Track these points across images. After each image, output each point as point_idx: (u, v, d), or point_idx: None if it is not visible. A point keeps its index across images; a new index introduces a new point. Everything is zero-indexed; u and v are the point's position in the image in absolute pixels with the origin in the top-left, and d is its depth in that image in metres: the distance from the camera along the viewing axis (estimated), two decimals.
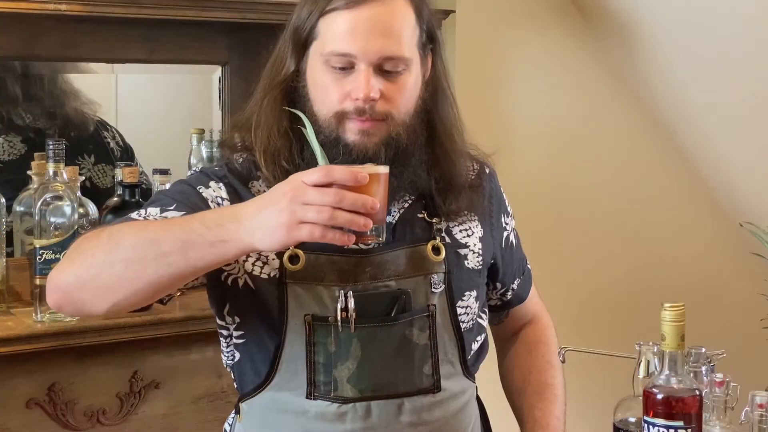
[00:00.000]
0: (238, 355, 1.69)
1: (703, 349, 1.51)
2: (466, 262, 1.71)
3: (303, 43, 1.60)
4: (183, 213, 1.57)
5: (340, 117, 1.57)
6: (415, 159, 1.63)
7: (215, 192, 1.64)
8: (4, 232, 2.37)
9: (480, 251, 1.73)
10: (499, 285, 1.83)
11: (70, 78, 2.70)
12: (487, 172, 1.80)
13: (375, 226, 1.40)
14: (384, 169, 1.45)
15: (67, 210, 2.27)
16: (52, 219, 2.26)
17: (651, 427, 1.39)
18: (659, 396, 1.39)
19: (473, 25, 2.91)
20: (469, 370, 1.72)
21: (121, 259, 1.46)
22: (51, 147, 2.23)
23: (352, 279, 1.61)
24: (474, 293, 1.71)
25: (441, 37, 1.69)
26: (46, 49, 2.50)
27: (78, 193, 2.35)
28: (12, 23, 2.41)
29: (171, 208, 1.59)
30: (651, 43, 2.98)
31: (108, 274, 1.47)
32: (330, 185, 1.38)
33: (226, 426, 1.77)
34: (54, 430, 2.27)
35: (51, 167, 2.25)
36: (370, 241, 1.45)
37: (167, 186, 2.35)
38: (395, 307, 1.62)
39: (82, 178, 2.46)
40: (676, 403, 1.39)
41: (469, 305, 1.70)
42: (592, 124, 3.17)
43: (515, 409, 1.86)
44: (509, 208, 1.84)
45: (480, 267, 1.73)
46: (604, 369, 2.33)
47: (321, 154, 1.48)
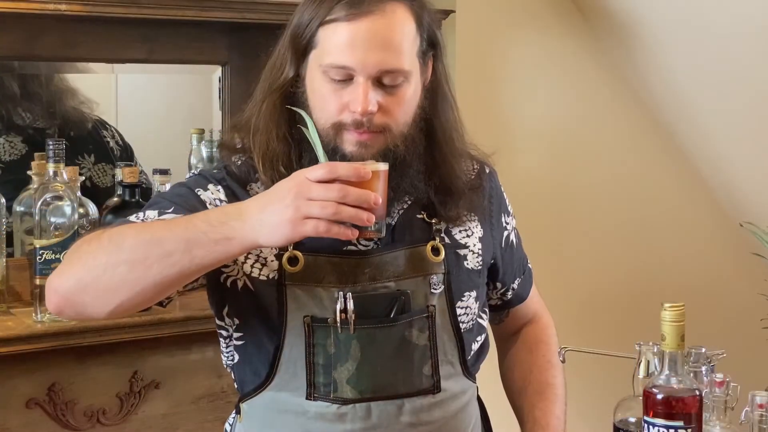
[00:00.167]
0: (237, 356, 1.69)
1: (703, 349, 1.51)
2: (465, 263, 1.71)
3: (302, 50, 1.59)
4: (181, 216, 1.56)
5: (338, 128, 1.56)
6: (412, 170, 1.63)
7: (213, 195, 1.64)
8: (4, 233, 2.37)
9: (480, 251, 1.73)
10: (499, 285, 1.83)
11: (67, 76, 2.70)
12: (488, 171, 1.80)
13: (376, 222, 1.43)
14: (384, 166, 1.48)
15: (67, 210, 2.27)
16: (52, 219, 2.25)
17: (651, 427, 1.39)
18: (659, 396, 1.39)
19: (473, 25, 2.91)
20: (469, 370, 1.72)
21: (125, 261, 1.47)
22: (51, 147, 2.23)
23: (352, 280, 1.61)
24: (474, 294, 1.71)
25: (442, 40, 1.67)
26: (46, 49, 2.50)
27: (78, 193, 2.35)
28: (12, 23, 2.40)
29: (169, 210, 1.59)
30: (651, 43, 2.98)
31: (111, 275, 1.47)
32: (333, 181, 1.40)
33: (227, 426, 1.77)
34: (54, 430, 2.27)
35: (51, 167, 2.25)
36: (371, 237, 1.48)
37: (167, 186, 2.35)
38: (394, 308, 1.61)
39: (82, 178, 2.46)
40: (676, 403, 1.39)
41: (469, 306, 1.70)
42: (592, 124, 3.17)
43: (516, 409, 1.86)
44: (510, 208, 1.84)
45: (480, 267, 1.73)
46: (604, 369, 2.33)
47: (322, 152, 1.50)
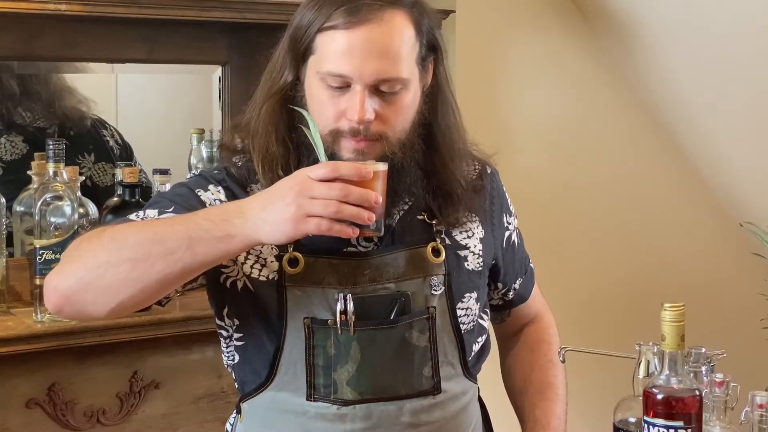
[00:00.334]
0: (237, 357, 1.69)
1: (703, 349, 1.51)
2: (466, 264, 1.70)
3: (301, 55, 1.59)
4: (182, 214, 1.57)
5: (336, 135, 1.56)
6: (411, 176, 1.63)
7: (214, 195, 1.64)
8: (4, 233, 2.37)
9: (480, 252, 1.73)
10: (500, 285, 1.83)
11: (64, 75, 2.69)
12: (489, 172, 1.80)
13: (375, 221, 1.45)
14: (383, 166, 1.50)
15: (67, 210, 2.27)
16: (52, 219, 2.25)
17: (651, 427, 1.39)
18: (659, 396, 1.39)
19: (473, 25, 2.91)
20: (470, 371, 1.71)
21: (127, 259, 1.47)
22: (51, 147, 2.23)
23: (351, 282, 1.61)
24: (474, 295, 1.71)
25: (443, 43, 1.66)
26: (46, 49, 2.50)
27: (78, 193, 2.35)
28: (12, 23, 2.40)
29: (169, 210, 1.59)
30: (651, 43, 2.98)
31: (112, 274, 1.47)
32: (334, 180, 1.41)
33: (228, 426, 1.77)
34: (54, 430, 2.27)
35: (51, 167, 2.25)
36: (370, 235, 1.50)
37: (167, 186, 2.35)
38: (395, 310, 1.61)
39: (83, 177, 2.46)
40: (676, 403, 1.39)
41: (470, 307, 1.70)
42: (591, 124, 3.16)
43: (517, 408, 1.86)
44: (512, 208, 1.84)
45: (480, 268, 1.73)
46: (604, 369, 2.33)
47: (323, 152, 1.51)
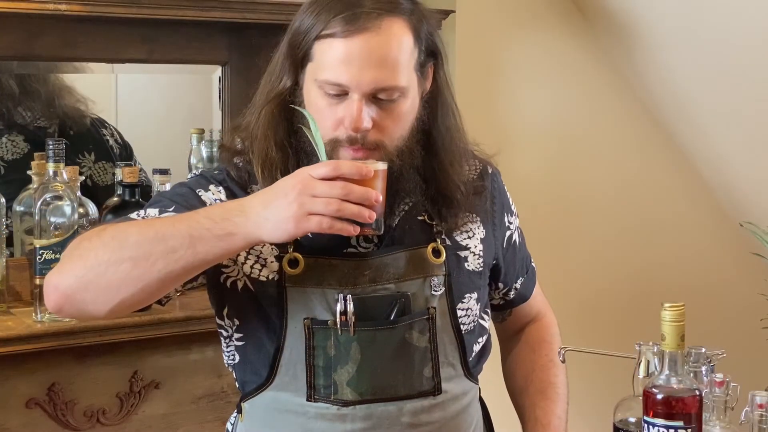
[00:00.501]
0: (238, 357, 1.69)
1: (703, 349, 1.51)
2: (466, 265, 1.70)
3: (299, 61, 1.59)
4: (183, 213, 1.57)
5: (334, 144, 1.56)
6: (409, 184, 1.63)
7: (215, 195, 1.64)
8: (5, 233, 2.37)
9: (481, 253, 1.72)
10: (501, 285, 1.83)
11: (63, 75, 2.69)
12: (490, 172, 1.79)
13: (375, 219, 1.46)
14: (383, 166, 1.51)
15: (67, 210, 2.27)
16: (52, 219, 2.25)
17: (651, 427, 1.39)
18: (659, 396, 1.39)
19: (473, 25, 2.91)
20: (470, 371, 1.71)
21: (128, 257, 1.47)
22: (51, 147, 2.23)
23: (352, 282, 1.61)
24: (475, 295, 1.71)
25: (443, 48, 1.66)
26: (46, 49, 2.50)
27: (78, 192, 2.35)
28: (12, 23, 2.40)
29: (170, 210, 1.60)
30: (651, 43, 2.98)
31: (113, 272, 1.48)
32: (336, 179, 1.42)
33: (228, 425, 1.77)
34: (54, 430, 2.27)
35: (51, 167, 2.24)
36: (370, 234, 1.50)
37: (167, 186, 2.35)
38: (395, 310, 1.61)
39: (83, 177, 2.46)
40: (676, 403, 1.39)
41: (470, 307, 1.70)
42: (592, 123, 3.16)
43: (517, 408, 1.85)
44: (513, 207, 1.83)
45: (481, 269, 1.73)
46: (604, 369, 2.33)
47: (324, 151, 1.52)
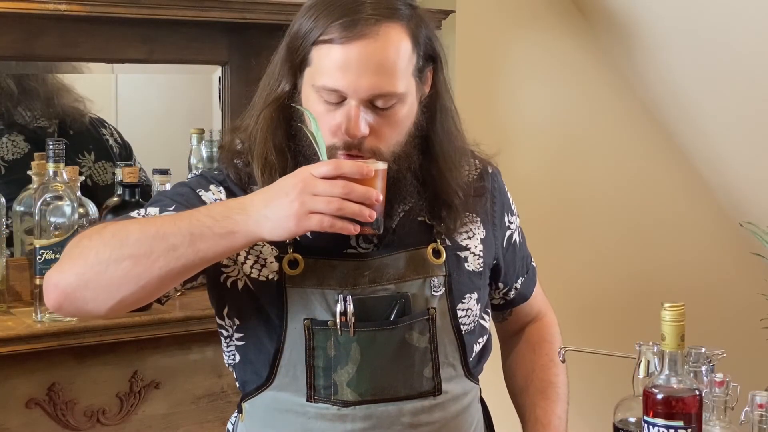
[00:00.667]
0: (238, 357, 1.69)
1: (703, 349, 1.51)
2: (466, 265, 1.70)
3: (297, 66, 1.59)
4: (183, 211, 1.57)
5: (331, 150, 1.55)
6: (406, 188, 1.63)
7: (215, 195, 1.64)
8: (5, 233, 2.37)
9: (481, 253, 1.72)
10: (501, 284, 1.82)
11: (61, 75, 2.69)
12: (490, 172, 1.79)
13: (375, 218, 1.46)
14: (383, 165, 1.51)
15: (67, 210, 2.27)
16: (52, 219, 2.25)
17: (651, 427, 1.39)
18: (659, 396, 1.39)
19: (473, 25, 2.91)
20: (471, 372, 1.71)
21: (129, 255, 1.47)
22: (51, 147, 2.23)
23: (352, 283, 1.61)
24: (475, 296, 1.71)
25: (442, 52, 1.65)
26: (46, 49, 2.50)
27: (78, 193, 2.35)
28: (11, 23, 2.40)
29: (170, 209, 1.60)
30: (651, 43, 2.98)
31: (114, 270, 1.48)
32: (336, 178, 1.43)
33: (229, 425, 1.77)
34: (54, 430, 2.27)
35: (51, 167, 2.24)
36: (370, 233, 1.50)
37: (167, 186, 2.35)
38: (395, 311, 1.61)
39: (83, 177, 2.46)
40: (676, 403, 1.39)
41: (470, 308, 1.70)
42: (591, 123, 3.16)
43: (518, 407, 1.85)
44: (513, 207, 1.83)
45: (481, 269, 1.72)
46: (604, 369, 2.33)
47: (324, 150, 1.52)
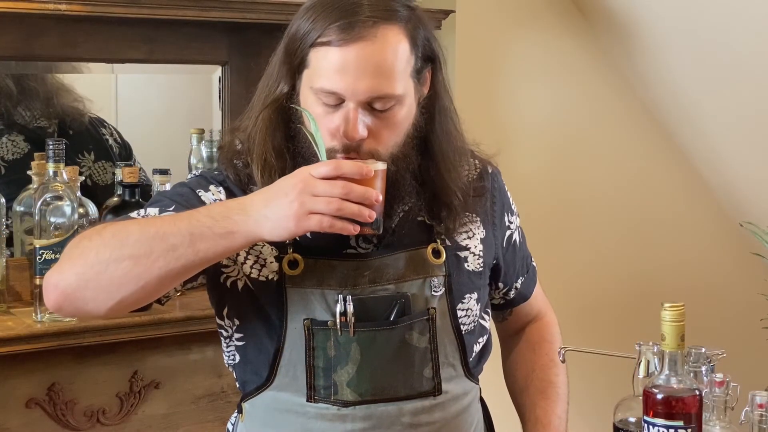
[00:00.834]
0: (238, 357, 1.69)
1: (703, 349, 1.51)
2: (466, 265, 1.70)
3: (295, 68, 1.59)
4: (183, 211, 1.57)
5: (329, 153, 1.55)
6: (404, 189, 1.63)
7: (214, 195, 1.64)
8: (5, 233, 2.37)
9: (481, 253, 1.72)
10: (501, 284, 1.82)
11: (61, 75, 2.69)
12: (490, 171, 1.79)
13: (375, 219, 1.46)
14: (382, 165, 1.52)
15: (67, 210, 2.27)
16: (52, 219, 2.25)
17: (651, 427, 1.39)
18: (659, 396, 1.39)
19: (473, 25, 2.91)
20: (471, 372, 1.71)
21: (129, 256, 1.47)
22: (51, 147, 2.23)
23: (351, 283, 1.61)
24: (475, 295, 1.71)
25: (441, 52, 1.65)
26: (46, 49, 2.50)
27: (78, 193, 2.35)
28: (11, 23, 2.40)
29: (170, 209, 1.60)
30: (651, 43, 2.98)
31: (114, 270, 1.48)
32: (336, 178, 1.43)
33: (229, 425, 1.77)
34: (54, 430, 2.27)
35: (51, 167, 2.24)
36: (370, 233, 1.50)
37: (167, 186, 2.35)
38: (395, 311, 1.61)
39: (82, 177, 2.46)
40: (676, 403, 1.39)
41: (470, 308, 1.70)
42: (591, 123, 3.17)
43: (518, 407, 1.85)
44: (513, 206, 1.83)
45: (481, 269, 1.72)
46: (604, 369, 2.33)
47: (324, 150, 1.52)
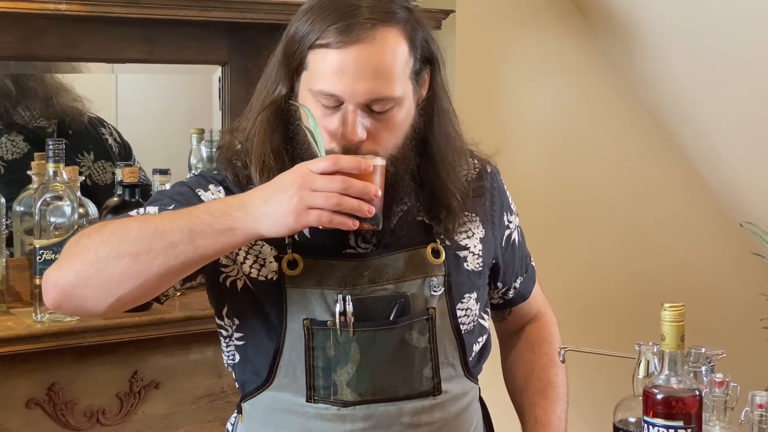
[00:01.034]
0: (238, 357, 1.69)
1: (703, 349, 1.51)
2: (465, 265, 1.70)
3: (294, 70, 1.58)
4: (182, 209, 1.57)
5: (328, 155, 1.55)
6: (403, 190, 1.63)
7: (214, 195, 1.64)
8: (5, 233, 2.37)
9: (480, 253, 1.72)
10: (500, 284, 1.82)
11: (60, 75, 2.69)
12: (489, 171, 1.79)
13: (374, 214, 1.46)
14: (381, 161, 1.52)
15: (67, 210, 2.27)
16: (52, 219, 2.25)
17: (651, 427, 1.40)
18: (659, 396, 1.39)
19: (473, 25, 2.91)
20: (470, 371, 1.71)
21: (128, 253, 1.47)
22: (51, 147, 2.23)
23: (351, 283, 1.61)
24: (474, 295, 1.71)
25: (440, 54, 1.65)
26: (46, 49, 2.49)
27: (78, 193, 2.35)
28: (11, 23, 2.40)
29: (170, 208, 1.60)
30: (651, 43, 2.98)
31: (113, 267, 1.48)
32: (335, 173, 1.43)
33: (229, 425, 1.77)
34: (54, 430, 2.27)
35: (51, 167, 2.24)
36: (369, 229, 1.51)
37: (167, 186, 2.35)
38: (394, 311, 1.61)
39: (82, 177, 2.46)
40: (676, 403, 1.39)
41: (470, 307, 1.70)
42: (591, 124, 3.17)
43: (517, 407, 1.85)
44: (513, 206, 1.83)
45: (480, 269, 1.72)
46: (604, 369, 2.33)
47: (323, 146, 1.52)
